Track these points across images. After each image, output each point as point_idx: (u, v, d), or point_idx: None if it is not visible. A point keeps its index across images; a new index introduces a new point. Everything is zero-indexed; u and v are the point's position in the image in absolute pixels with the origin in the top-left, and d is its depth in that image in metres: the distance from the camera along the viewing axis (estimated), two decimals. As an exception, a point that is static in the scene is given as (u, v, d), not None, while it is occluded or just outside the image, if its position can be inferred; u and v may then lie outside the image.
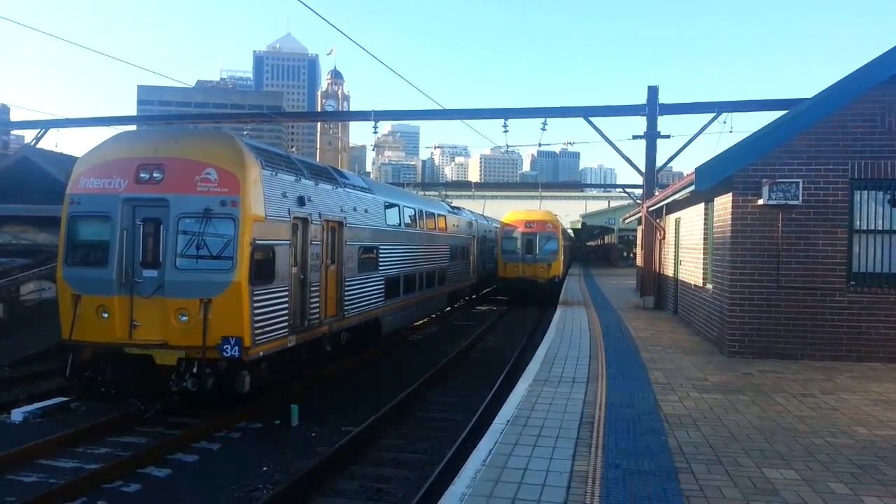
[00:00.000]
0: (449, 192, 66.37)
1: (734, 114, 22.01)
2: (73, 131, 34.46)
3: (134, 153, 10.56)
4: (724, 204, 12.29)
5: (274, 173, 10.90)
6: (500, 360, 16.90)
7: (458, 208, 30.35)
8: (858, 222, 11.48)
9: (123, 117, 29.53)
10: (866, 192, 11.45)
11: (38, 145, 29.19)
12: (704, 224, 14.49)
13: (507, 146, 29.50)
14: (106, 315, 10.24)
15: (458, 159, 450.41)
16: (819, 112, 11.36)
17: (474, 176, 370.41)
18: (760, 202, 11.40)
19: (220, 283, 9.86)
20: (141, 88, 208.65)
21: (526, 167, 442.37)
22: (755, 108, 22.62)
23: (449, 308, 26.76)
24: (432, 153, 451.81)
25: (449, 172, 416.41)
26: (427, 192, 59.39)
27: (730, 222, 11.74)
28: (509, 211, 33.08)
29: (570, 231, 62.76)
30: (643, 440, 6.78)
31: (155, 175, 10.34)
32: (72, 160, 20.64)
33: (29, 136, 31.27)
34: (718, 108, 22.10)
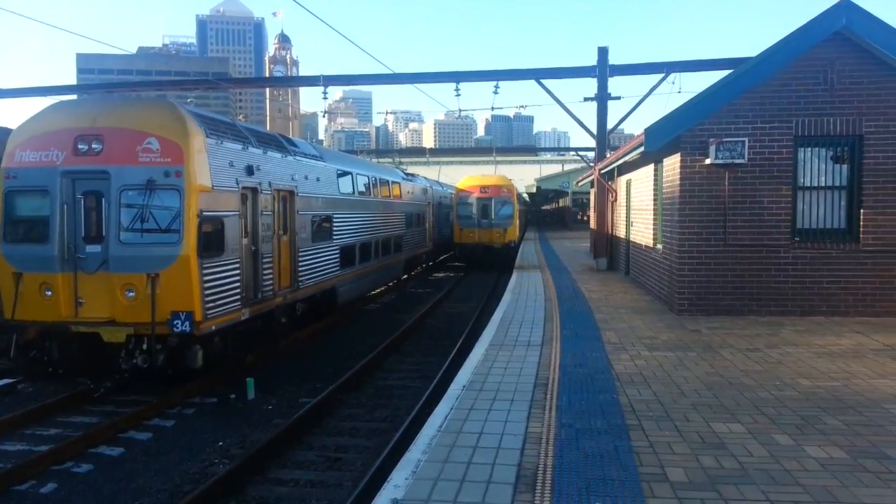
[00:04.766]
0: (403, 159, 65.85)
1: (683, 74, 22.21)
2: (8, 102, 32.99)
3: (72, 123, 10.16)
4: (672, 164, 12.44)
5: (219, 142, 10.61)
6: (457, 325, 17.00)
7: (412, 175, 30.15)
8: (802, 179, 11.76)
9: (62, 86, 28.32)
10: (810, 149, 11.71)
11: (-29, 118, 27.89)
12: (654, 185, 14.67)
13: (460, 111, 29.37)
14: (49, 293, 9.94)
15: (412, 125, 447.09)
16: (763, 71, 11.51)
17: (429, 142, 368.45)
18: (708, 162, 11.57)
19: (167, 256, 9.62)
20: (80, 56, 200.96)
21: (480, 132, 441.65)
22: (703, 67, 22.83)
23: (406, 276, 26.71)
24: (385, 119, 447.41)
25: (403, 139, 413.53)
26: (381, 159, 58.86)
27: (678, 182, 11.90)
28: (464, 176, 33.00)
29: (525, 195, 63.06)
30: (596, 399, 6.89)
31: (94, 146, 9.98)
32: (6, 132, 19.76)
33: (-40, 108, 29.85)
34: (667, 68, 22.26)
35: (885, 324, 11.00)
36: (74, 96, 28.06)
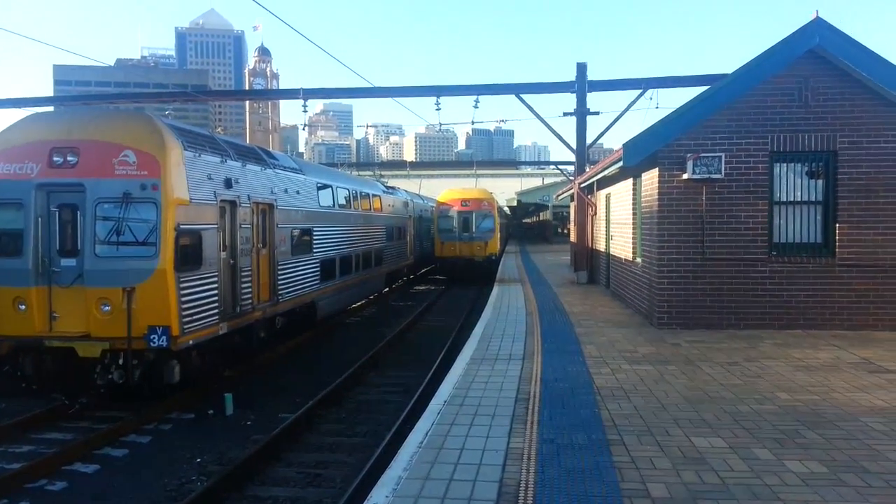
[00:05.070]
0: (384, 172, 65.94)
1: (660, 90, 22.43)
2: (-17, 114, 32.55)
3: (47, 135, 10.05)
4: (650, 179, 12.55)
5: (197, 154, 10.52)
6: (438, 339, 16.94)
7: (393, 188, 30.14)
8: (778, 194, 11.91)
9: (38, 98, 27.97)
10: (785, 164, 11.88)
11: (-56, 129, 27.41)
12: (633, 199, 14.78)
13: (441, 124, 29.33)
14: (23, 307, 9.78)
15: (393, 138, 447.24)
16: (739, 88, 11.68)
17: (409, 155, 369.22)
18: (685, 176, 11.68)
19: (144, 270, 9.51)
20: (57, 68, 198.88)
21: (461, 145, 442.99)
22: (680, 83, 23.06)
23: (387, 289, 26.63)
24: (366, 132, 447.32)
25: (384, 152, 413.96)
26: (362, 173, 58.84)
27: (656, 197, 12.00)
28: (445, 190, 33.02)
29: (506, 209, 63.28)
30: (577, 414, 6.88)
31: (69, 158, 9.87)
32: (-20, 144, 19.37)
33: (-67, 119, 29.36)
34: (645, 84, 22.47)
35: (862, 337, 11.13)
36: (51, 108, 27.72)
